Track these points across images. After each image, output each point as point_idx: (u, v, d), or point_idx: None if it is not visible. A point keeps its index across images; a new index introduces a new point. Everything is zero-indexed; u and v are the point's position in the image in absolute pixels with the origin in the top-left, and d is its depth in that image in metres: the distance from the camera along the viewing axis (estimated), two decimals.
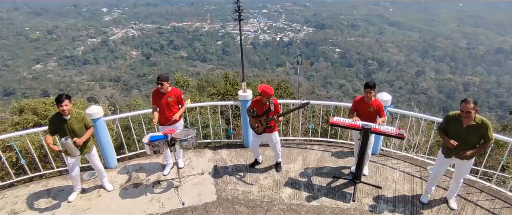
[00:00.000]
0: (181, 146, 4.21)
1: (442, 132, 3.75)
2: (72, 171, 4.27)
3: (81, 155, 4.19)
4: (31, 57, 68.45)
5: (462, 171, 3.82)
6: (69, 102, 3.85)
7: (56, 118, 3.92)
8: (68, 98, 3.87)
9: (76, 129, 3.97)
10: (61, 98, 3.79)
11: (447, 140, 3.63)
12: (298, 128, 6.82)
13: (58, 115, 3.92)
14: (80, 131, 4.02)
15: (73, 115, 3.96)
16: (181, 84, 12.82)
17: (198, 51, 75.10)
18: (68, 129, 3.92)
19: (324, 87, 50.02)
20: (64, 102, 3.80)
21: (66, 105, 3.81)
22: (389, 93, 5.01)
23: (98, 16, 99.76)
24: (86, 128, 4.12)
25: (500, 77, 59.00)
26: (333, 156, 5.48)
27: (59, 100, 3.79)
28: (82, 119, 4.05)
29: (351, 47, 73.38)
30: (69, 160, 4.19)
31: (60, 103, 3.79)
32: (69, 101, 3.87)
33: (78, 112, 4.06)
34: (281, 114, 4.45)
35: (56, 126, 3.92)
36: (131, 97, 37.59)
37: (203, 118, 8.07)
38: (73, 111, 3.97)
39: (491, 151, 7.97)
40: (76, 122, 3.97)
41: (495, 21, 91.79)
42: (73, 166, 4.25)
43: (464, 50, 70.34)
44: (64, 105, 3.80)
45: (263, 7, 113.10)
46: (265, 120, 4.46)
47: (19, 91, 48.58)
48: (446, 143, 3.66)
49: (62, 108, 3.80)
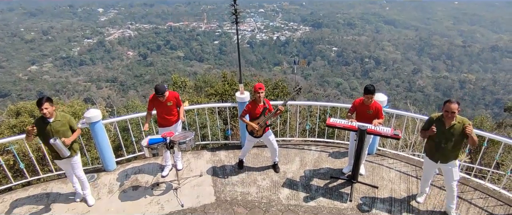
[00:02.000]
0: (179, 148, 4.25)
1: (425, 132, 3.84)
2: (69, 172, 4.32)
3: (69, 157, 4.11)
4: (26, 58, 68.06)
5: (449, 175, 3.85)
6: (49, 105, 3.85)
7: (40, 121, 3.92)
8: (49, 101, 3.87)
9: (59, 131, 3.96)
10: (41, 101, 3.80)
11: (429, 131, 3.71)
12: (296, 127, 6.87)
13: (42, 118, 3.93)
14: (64, 133, 4.01)
15: (57, 117, 3.96)
16: (178, 85, 12.83)
17: (195, 51, 75.02)
18: (51, 131, 3.91)
19: (321, 86, 50.20)
20: (44, 105, 3.79)
21: (46, 109, 3.81)
22: (386, 92, 5.08)
23: (94, 16, 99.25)
24: (72, 130, 4.11)
25: (495, 75, 59.50)
26: (330, 156, 5.53)
27: (40, 103, 3.80)
28: (68, 121, 4.05)
29: (348, 45, 73.64)
30: (58, 163, 4.21)
31: (41, 107, 3.79)
32: (50, 104, 3.86)
33: (63, 115, 4.06)
34: (282, 104, 4.42)
35: (40, 128, 3.91)
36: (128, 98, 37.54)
37: (201, 119, 8.11)
38: (57, 114, 3.98)
39: (487, 149, 8.09)
40: (60, 125, 3.96)
41: (491, 19, 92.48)
42: (68, 172, 4.30)
43: (460, 48, 70.84)
44: (44, 108, 3.79)
45: (259, 6, 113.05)
46: (263, 119, 4.50)
47: (15, 93, 48.28)
48: (429, 132, 3.71)
49: (43, 111, 3.80)
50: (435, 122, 3.72)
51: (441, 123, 3.66)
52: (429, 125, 3.77)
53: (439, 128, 3.67)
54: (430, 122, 3.80)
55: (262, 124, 4.53)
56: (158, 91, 4.46)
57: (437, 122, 3.70)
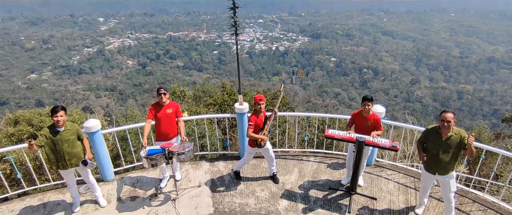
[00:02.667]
0: (178, 159, 4.24)
1: (421, 144, 3.88)
2: (71, 183, 4.31)
3: (73, 167, 4.16)
4: (26, 66, 68.21)
5: (446, 187, 3.86)
6: (64, 114, 3.91)
7: (50, 130, 3.95)
8: (64, 109, 3.94)
9: (69, 140, 4.00)
10: (57, 109, 3.86)
11: (421, 154, 3.87)
12: (294, 138, 6.88)
13: (51, 127, 3.96)
14: (73, 142, 4.06)
15: (67, 126, 4.01)
16: (177, 94, 12.86)
17: (194, 61, 75.41)
18: (61, 140, 3.94)
19: (320, 96, 50.32)
20: (59, 113, 3.86)
21: (61, 116, 3.87)
22: (385, 102, 5.13)
23: (94, 25, 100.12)
24: (79, 139, 4.17)
25: (493, 86, 59.94)
26: (329, 167, 5.53)
27: (55, 111, 3.86)
28: (76, 131, 4.11)
29: (346, 56, 74.27)
30: (63, 173, 4.21)
31: (55, 114, 3.85)
32: (65, 112, 3.93)
33: (72, 124, 4.12)
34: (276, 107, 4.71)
35: (49, 137, 3.93)
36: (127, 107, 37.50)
37: (199, 129, 8.10)
38: (66, 123, 4.02)
39: (485, 160, 8.09)
40: (69, 134, 4.01)
41: (486, 31, 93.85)
42: (69, 179, 4.28)
43: (457, 59, 71.57)
44: (59, 115, 3.85)
45: (259, 17, 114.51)
46: (267, 128, 4.57)
47: (13, 101, 48.17)
48: (419, 155, 3.87)
49: (57, 118, 3.84)
50: (431, 133, 3.74)
51: (438, 134, 3.68)
52: (425, 137, 3.80)
53: (435, 139, 3.69)
54: (426, 133, 3.82)
55: (266, 133, 4.59)
56: (161, 88, 4.57)
57: (433, 133, 3.73)
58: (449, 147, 3.62)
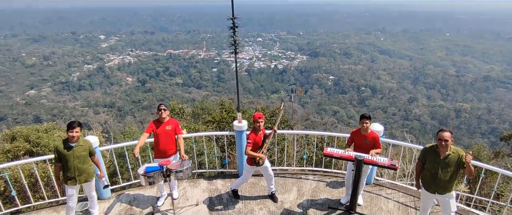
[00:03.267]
0: (176, 177, 4.20)
1: (422, 164, 3.87)
2: (72, 202, 4.25)
3: (82, 183, 4.20)
4: (25, 82, 68.40)
5: (446, 206, 3.83)
6: (79, 130, 4.01)
7: (63, 145, 4.00)
8: (80, 125, 4.04)
9: (80, 156, 4.06)
10: (73, 125, 3.96)
11: (417, 181, 3.95)
12: (293, 156, 6.84)
13: (65, 142, 4.01)
14: (84, 158, 4.12)
15: (80, 142, 4.08)
16: (176, 111, 12.88)
17: (194, 78, 75.90)
18: (73, 156, 3.99)
19: (318, 113, 50.41)
20: (75, 129, 3.95)
21: (76, 132, 3.97)
22: (383, 120, 5.16)
23: (95, 43, 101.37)
24: (90, 155, 4.24)
25: (490, 104, 60.32)
26: (328, 186, 5.48)
27: (71, 126, 3.95)
28: (88, 147, 4.19)
29: (344, 74, 74.99)
30: (69, 191, 4.18)
31: (71, 130, 3.93)
32: (80, 129, 4.03)
33: (85, 140, 4.21)
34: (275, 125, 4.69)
35: (62, 152, 3.98)
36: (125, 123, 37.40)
37: (198, 146, 8.06)
38: (80, 139, 4.11)
39: (486, 179, 8.04)
40: (81, 150, 4.08)
41: (481, 50, 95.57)
42: (73, 197, 4.24)
43: (454, 77, 72.36)
44: (74, 132, 3.94)
45: (258, 35, 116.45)
46: (266, 146, 4.54)
47: (11, 117, 47.96)
48: (416, 182, 3.91)
49: (72, 134, 3.93)
50: (429, 152, 3.74)
51: (436, 153, 3.68)
52: (424, 156, 3.80)
53: (433, 158, 3.69)
54: (424, 152, 3.82)
55: (265, 151, 4.57)
56: (162, 104, 4.64)
57: (431, 152, 3.72)
58: (448, 166, 3.61)
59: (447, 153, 3.60)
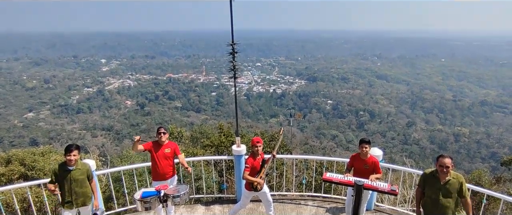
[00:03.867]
0: (173, 202, 4.12)
1: (421, 190, 3.84)
2: None
3: (79, 207, 4.11)
4: (24, 105, 68.44)
5: None
6: (77, 153, 3.96)
7: (61, 168, 3.95)
8: (78, 148, 3.98)
9: (78, 180, 3.99)
10: (71, 148, 3.91)
11: (418, 209, 3.87)
12: (292, 180, 6.75)
13: (63, 165, 3.96)
14: (82, 182, 4.05)
15: (78, 165, 4.02)
16: (175, 135, 12.83)
17: (193, 102, 76.20)
18: (70, 179, 3.93)
19: (317, 138, 50.21)
20: (73, 152, 3.90)
21: (74, 156, 3.90)
22: (382, 145, 5.15)
23: (96, 66, 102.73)
24: (88, 179, 4.16)
25: (488, 128, 60.41)
26: (328, 212, 5.36)
27: (69, 149, 3.90)
28: (87, 170, 4.12)
29: (343, 99, 75.55)
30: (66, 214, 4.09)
31: (69, 153, 3.88)
32: (78, 152, 3.97)
33: (83, 163, 4.15)
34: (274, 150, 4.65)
35: (59, 175, 3.92)
36: (122, 147, 37.01)
37: (195, 170, 7.95)
38: (78, 162, 4.04)
39: (488, 205, 7.90)
40: (79, 173, 4.01)
41: (476, 75, 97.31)
42: None
43: (451, 102, 72.95)
44: (72, 155, 3.88)
45: (257, 60, 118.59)
46: (264, 171, 4.49)
47: (7, 139, 47.51)
48: (416, 209, 3.86)
49: (70, 157, 3.87)
50: (429, 177, 3.71)
51: (436, 179, 3.65)
52: (423, 182, 3.77)
53: (434, 183, 3.65)
54: (424, 178, 3.79)
55: (263, 176, 4.51)
56: (161, 127, 4.64)
57: (431, 178, 3.69)
58: (449, 192, 3.57)
59: (447, 178, 3.57)
